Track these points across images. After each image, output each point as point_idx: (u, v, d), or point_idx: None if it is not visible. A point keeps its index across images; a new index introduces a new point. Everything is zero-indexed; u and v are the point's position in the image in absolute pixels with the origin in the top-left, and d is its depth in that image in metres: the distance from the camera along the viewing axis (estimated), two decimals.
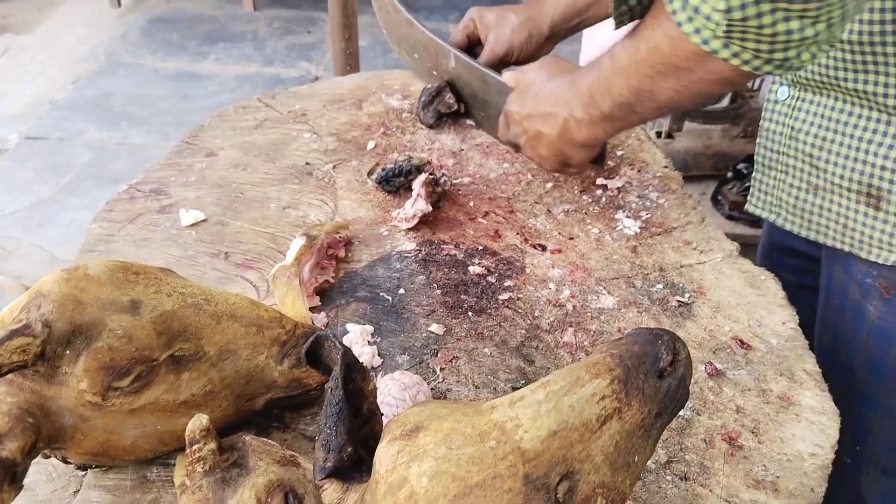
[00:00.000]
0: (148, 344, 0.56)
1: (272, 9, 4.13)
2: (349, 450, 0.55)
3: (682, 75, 0.69)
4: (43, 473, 0.65)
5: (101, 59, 3.76)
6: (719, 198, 1.94)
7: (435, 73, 1.09)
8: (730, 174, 1.92)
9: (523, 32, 1.01)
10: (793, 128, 0.89)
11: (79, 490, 0.64)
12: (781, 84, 0.91)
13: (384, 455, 0.50)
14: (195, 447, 0.58)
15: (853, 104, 0.82)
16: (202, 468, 0.58)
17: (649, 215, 0.97)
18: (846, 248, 0.87)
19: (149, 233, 0.92)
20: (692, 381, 0.73)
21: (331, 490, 0.54)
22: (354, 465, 0.56)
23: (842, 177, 0.84)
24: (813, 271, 0.99)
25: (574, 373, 0.51)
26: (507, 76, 0.93)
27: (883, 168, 0.80)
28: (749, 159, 1.91)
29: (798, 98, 0.89)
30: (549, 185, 1.03)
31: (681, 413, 0.71)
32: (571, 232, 0.95)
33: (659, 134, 1.93)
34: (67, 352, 0.54)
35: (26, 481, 0.64)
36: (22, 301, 0.55)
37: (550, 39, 1.03)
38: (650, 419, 0.51)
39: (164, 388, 0.59)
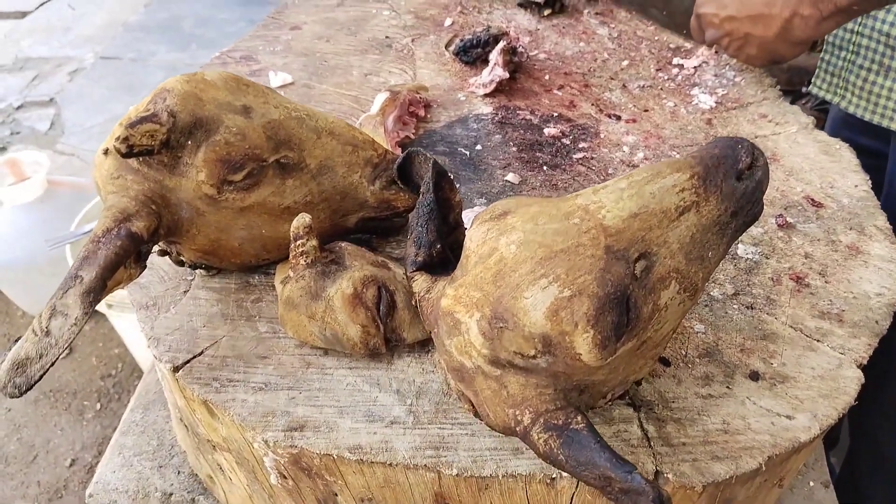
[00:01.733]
0: (259, 144, 0.62)
1: None
2: (438, 246, 0.60)
3: None
4: (156, 276, 0.72)
5: None
6: None
7: None
8: (804, 89, 1.87)
9: None
10: None
11: (188, 290, 0.71)
12: None
13: (475, 233, 0.54)
14: (299, 241, 0.63)
15: None
16: (305, 261, 0.64)
17: (725, 92, 0.98)
18: None
19: None
20: (762, 230, 0.76)
21: (420, 281, 0.59)
22: (442, 263, 0.61)
23: None
24: (880, 168, 0.98)
25: (657, 168, 0.54)
26: None
27: None
28: None
29: None
30: (626, 62, 1.04)
31: (749, 256, 0.73)
32: (646, 105, 0.96)
33: None
34: (189, 142, 0.60)
35: (142, 281, 0.72)
36: (148, 98, 0.61)
37: None
38: (726, 217, 0.54)
39: (270, 189, 0.64)
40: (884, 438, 1.02)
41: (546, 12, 1.10)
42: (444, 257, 0.61)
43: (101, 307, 2.05)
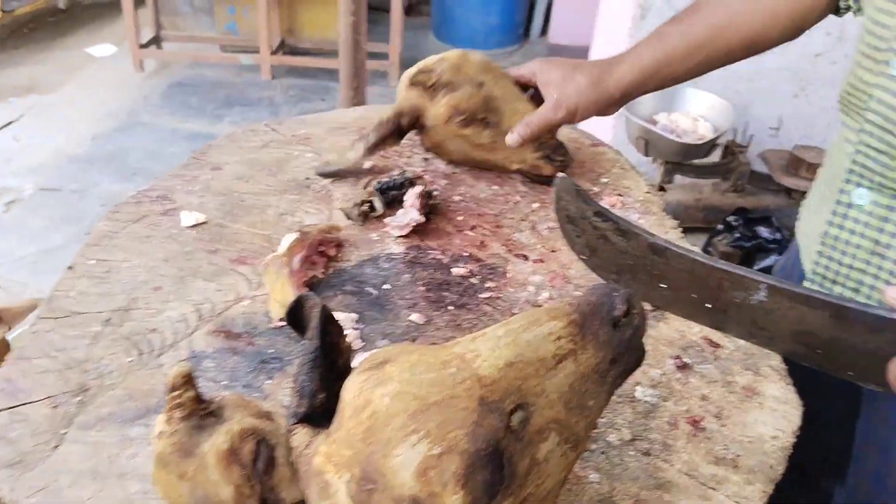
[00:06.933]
0: (478, 105, 1.03)
1: (289, 78, 4.33)
2: (321, 396, 0.58)
3: None
4: (27, 429, 0.67)
5: (122, 118, 3.92)
6: (710, 249, 1.99)
7: (728, 312, 0.65)
8: (720, 227, 1.98)
9: (591, 96, 0.99)
10: (877, 241, 0.80)
11: (59, 445, 0.66)
12: (858, 186, 0.81)
13: (352, 384, 0.53)
14: (175, 393, 0.60)
15: None
16: (180, 414, 0.60)
17: None
18: None
19: (151, 231, 0.97)
20: (660, 371, 0.76)
21: (301, 434, 0.57)
22: (326, 414, 0.58)
23: None
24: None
25: (534, 315, 0.55)
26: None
27: None
28: (738, 212, 1.97)
29: (887, 206, 0.79)
30: (536, 205, 1.08)
31: (647, 399, 0.73)
32: (554, 245, 0.99)
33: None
34: (444, 90, 1.03)
35: (11, 435, 0.67)
36: (435, 57, 1.06)
37: (617, 104, 1.02)
38: (605, 365, 0.54)
39: (475, 131, 1.05)
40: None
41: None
42: (328, 408, 0.59)
43: None
